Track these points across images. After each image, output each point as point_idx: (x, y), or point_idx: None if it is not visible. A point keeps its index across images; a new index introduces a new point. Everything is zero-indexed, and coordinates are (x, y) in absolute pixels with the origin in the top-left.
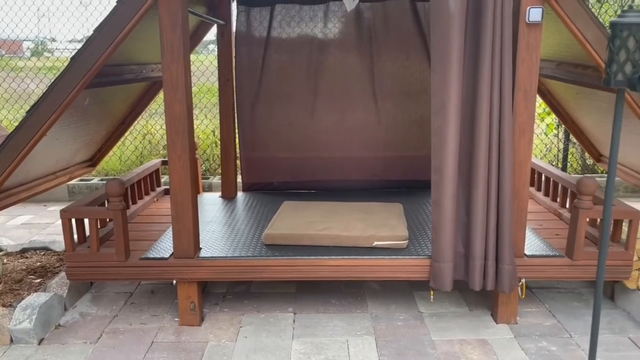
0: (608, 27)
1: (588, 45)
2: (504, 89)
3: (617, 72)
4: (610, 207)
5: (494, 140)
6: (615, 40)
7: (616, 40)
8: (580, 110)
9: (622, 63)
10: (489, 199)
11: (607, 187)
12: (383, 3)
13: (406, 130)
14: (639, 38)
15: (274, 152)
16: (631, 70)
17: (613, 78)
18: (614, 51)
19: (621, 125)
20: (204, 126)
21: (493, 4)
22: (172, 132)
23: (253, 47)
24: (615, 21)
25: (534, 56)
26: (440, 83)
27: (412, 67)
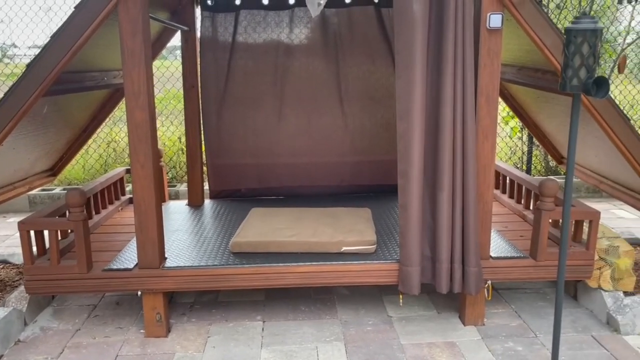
0: (564, 33)
1: (546, 50)
2: (467, 94)
3: (573, 77)
4: (569, 208)
5: (457, 144)
6: (570, 46)
7: (571, 46)
8: (542, 113)
9: (576, 68)
10: (454, 203)
11: (566, 189)
12: (348, 9)
13: (373, 135)
14: (592, 44)
15: (241, 159)
16: (586, 75)
17: (568, 83)
18: (569, 57)
19: (578, 128)
20: (170, 133)
21: (454, 10)
22: (134, 140)
23: (218, 52)
24: (570, 28)
25: (495, 61)
26: (405, 88)
27: (378, 72)
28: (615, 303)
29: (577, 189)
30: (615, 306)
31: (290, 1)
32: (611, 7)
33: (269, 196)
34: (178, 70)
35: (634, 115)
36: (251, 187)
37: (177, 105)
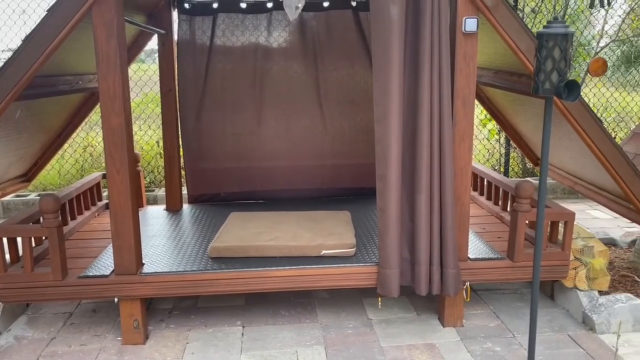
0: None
1: (521, 54)
2: (443, 97)
3: (545, 80)
4: (543, 209)
5: (435, 147)
6: (542, 50)
7: (543, 50)
8: (518, 116)
9: (548, 72)
10: (432, 205)
11: (540, 190)
12: (326, 12)
13: (352, 138)
14: (563, 48)
15: (220, 163)
16: (557, 78)
17: (541, 86)
18: (541, 61)
19: (550, 130)
20: (148, 137)
21: (430, 14)
22: (110, 145)
23: (196, 56)
24: (542, 32)
25: (471, 65)
26: (382, 92)
27: (357, 75)
28: (590, 302)
29: (553, 190)
30: (590, 305)
31: (268, 5)
32: (585, 11)
33: (249, 200)
34: (156, 74)
35: (608, 117)
36: (230, 191)
37: (155, 109)
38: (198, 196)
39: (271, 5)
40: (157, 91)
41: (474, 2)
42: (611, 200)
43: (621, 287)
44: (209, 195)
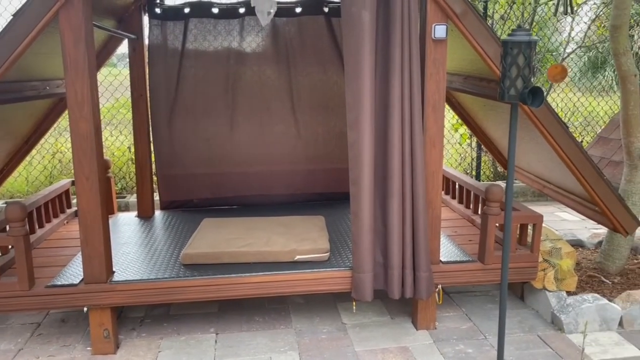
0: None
1: (489, 60)
2: (414, 103)
3: (510, 87)
4: (510, 212)
5: (406, 152)
6: (507, 58)
7: (508, 57)
8: (488, 121)
9: (513, 79)
10: (404, 209)
11: (507, 193)
12: (299, 18)
13: (326, 143)
14: (527, 55)
15: (193, 168)
16: (522, 85)
17: (506, 92)
18: (506, 67)
19: (516, 135)
20: (119, 143)
21: (401, 21)
22: (79, 151)
23: (168, 61)
24: (506, 40)
25: (441, 71)
26: (354, 98)
27: (330, 80)
28: (559, 303)
29: (523, 193)
30: (559, 306)
31: (240, 10)
32: (552, 19)
33: (222, 206)
34: (127, 79)
35: (575, 121)
36: (203, 197)
37: (126, 114)
38: (170, 202)
39: (243, 10)
40: (128, 96)
41: (443, 9)
42: (578, 203)
43: (588, 287)
44: (181, 202)
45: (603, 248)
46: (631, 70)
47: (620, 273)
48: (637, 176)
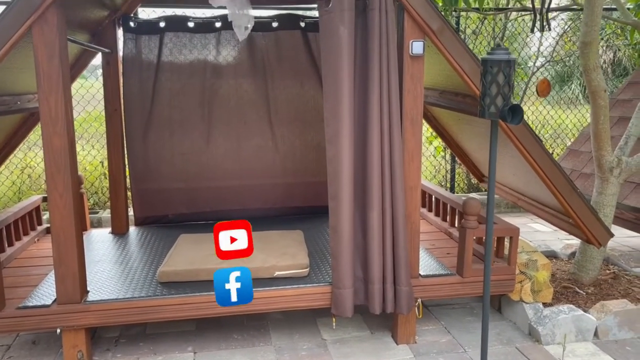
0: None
1: (465, 76)
2: (393, 118)
3: (490, 104)
4: (491, 227)
5: (386, 166)
6: (487, 76)
7: (487, 75)
8: (463, 134)
9: (493, 96)
10: (384, 224)
11: (488, 207)
12: (275, 32)
13: (304, 157)
14: (507, 73)
15: (168, 183)
16: (502, 102)
17: (487, 110)
18: (486, 85)
19: (497, 151)
20: (92, 157)
21: (379, 37)
22: (52, 168)
23: (143, 75)
24: (486, 58)
25: (418, 86)
26: (332, 112)
27: (307, 94)
28: (535, 314)
29: (497, 205)
30: (535, 317)
31: (216, 24)
32: (522, 34)
33: (199, 221)
34: (100, 92)
35: (545, 133)
36: (179, 212)
37: (99, 127)
38: (145, 218)
39: (219, 24)
40: (100, 109)
41: (420, 26)
42: (552, 215)
43: (563, 298)
44: (156, 217)
45: (576, 259)
46: (601, 85)
47: (593, 283)
48: (608, 188)
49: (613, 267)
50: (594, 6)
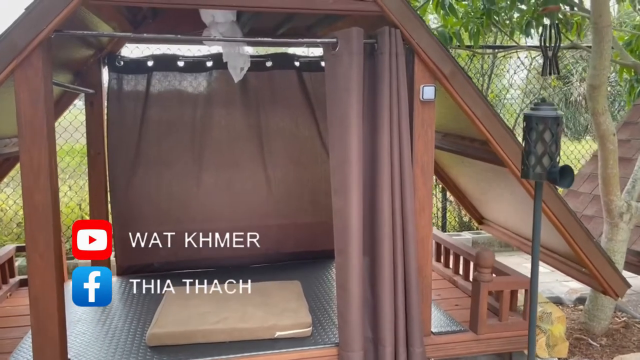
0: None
1: (478, 121)
2: (404, 166)
3: (536, 165)
4: (535, 305)
5: (397, 217)
6: (532, 133)
7: (532, 133)
8: (464, 176)
9: (539, 156)
10: (396, 280)
11: (531, 286)
12: (269, 72)
13: (299, 200)
14: (554, 131)
15: (154, 228)
16: (549, 163)
17: (532, 171)
18: (531, 144)
19: (541, 216)
20: (68, 198)
21: (389, 82)
22: (32, 226)
23: (128, 116)
24: (531, 114)
25: (429, 132)
26: (339, 161)
27: (301, 135)
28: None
29: (490, 244)
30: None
31: (207, 63)
32: (499, 66)
33: (187, 269)
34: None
35: None
36: (166, 260)
37: (70, 162)
38: (128, 267)
39: (211, 64)
40: (73, 142)
41: (432, 70)
42: (562, 263)
43: (577, 351)
44: (140, 266)
45: (587, 308)
46: (610, 129)
47: (605, 334)
48: (618, 234)
49: (622, 315)
50: (603, 50)
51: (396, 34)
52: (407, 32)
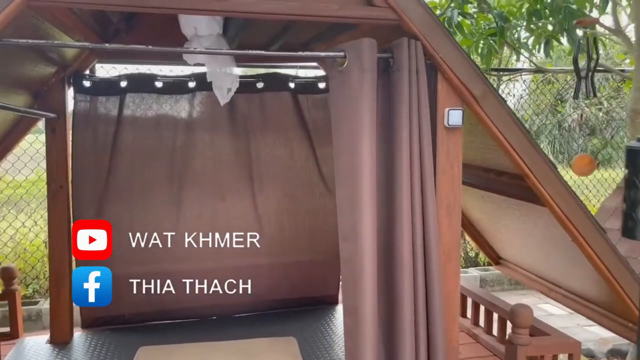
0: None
1: (513, 152)
2: (428, 206)
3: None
4: None
5: (419, 269)
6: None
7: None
8: (483, 213)
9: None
10: (418, 349)
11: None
12: (260, 94)
13: (294, 241)
14: None
15: (125, 272)
16: None
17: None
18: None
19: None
20: (33, 234)
21: (408, 105)
22: None
23: (97, 145)
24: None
25: (456, 166)
26: (349, 200)
27: (297, 166)
28: None
29: (499, 282)
30: None
31: (189, 84)
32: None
33: (162, 321)
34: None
35: None
36: (138, 310)
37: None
38: (95, 319)
39: (194, 84)
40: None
41: (459, 90)
42: (602, 315)
43: None
44: (109, 318)
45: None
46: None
47: None
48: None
49: None
50: None
51: (417, 47)
52: (431, 44)
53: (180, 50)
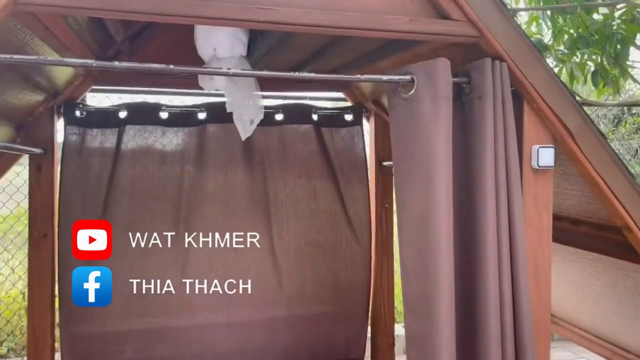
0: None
1: (614, 198)
2: (519, 269)
3: None
4: None
5: (508, 348)
6: None
7: None
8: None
9: None
10: None
11: None
12: (280, 127)
13: (316, 297)
14: None
15: (118, 329)
16: None
17: None
18: None
19: None
20: (10, 284)
21: (493, 141)
22: None
23: (89, 184)
24: None
25: (545, 217)
26: (418, 265)
27: (320, 209)
28: None
29: None
30: None
31: (199, 115)
32: None
33: None
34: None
35: None
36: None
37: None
38: None
39: (204, 116)
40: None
41: (550, 124)
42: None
43: None
44: None
45: None
46: None
47: None
48: None
49: None
50: None
51: (502, 70)
52: (519, 68)
53: (204, 70)
